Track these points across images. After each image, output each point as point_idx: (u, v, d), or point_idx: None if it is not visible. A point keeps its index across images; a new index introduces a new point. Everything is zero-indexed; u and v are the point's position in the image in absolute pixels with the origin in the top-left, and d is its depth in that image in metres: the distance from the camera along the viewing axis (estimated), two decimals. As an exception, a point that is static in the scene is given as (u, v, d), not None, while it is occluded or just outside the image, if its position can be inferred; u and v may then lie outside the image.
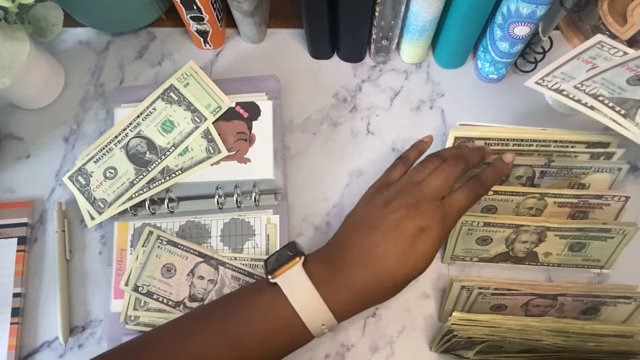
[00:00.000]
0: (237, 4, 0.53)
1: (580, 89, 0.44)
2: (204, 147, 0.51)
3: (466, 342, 0.44)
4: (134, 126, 0.50)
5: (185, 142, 0.51)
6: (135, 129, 0.50)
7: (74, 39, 0.61)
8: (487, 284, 0.47)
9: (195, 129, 0.51)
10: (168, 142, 0.51)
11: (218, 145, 0.51)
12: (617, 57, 0.46)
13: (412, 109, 0.58)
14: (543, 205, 0.49)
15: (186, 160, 0.51)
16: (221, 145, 0.51)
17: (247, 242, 0.51)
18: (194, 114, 0.50)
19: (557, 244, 0.49)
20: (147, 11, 0.58)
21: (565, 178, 0.50)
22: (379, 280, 0.39)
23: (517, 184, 0.50)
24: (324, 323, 0.38)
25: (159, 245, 0.50)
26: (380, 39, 0.55)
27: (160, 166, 0.50)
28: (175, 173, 0.51)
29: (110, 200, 0.50)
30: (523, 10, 0.46)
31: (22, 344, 0.50)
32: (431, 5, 0.49)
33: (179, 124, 0.50)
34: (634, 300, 0.47)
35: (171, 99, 0.50)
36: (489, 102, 0.58)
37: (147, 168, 0.50)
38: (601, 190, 0.49)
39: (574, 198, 0.48)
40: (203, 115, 0.50)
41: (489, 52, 0.54)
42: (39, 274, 0.52)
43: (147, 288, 0.49)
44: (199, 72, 0.53)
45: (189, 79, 0.52)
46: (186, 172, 0.51)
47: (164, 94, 0.50)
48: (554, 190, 0.48)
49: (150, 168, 0.50)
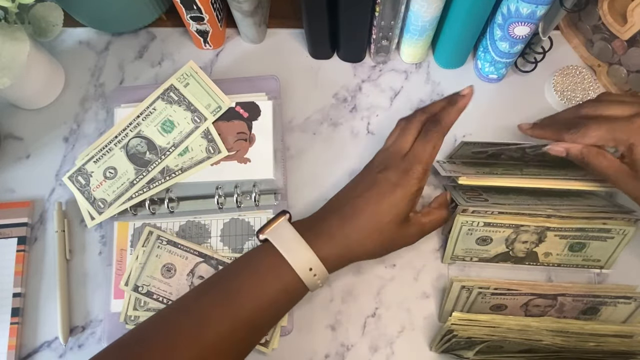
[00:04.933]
0: (237, 4, 0.53)
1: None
2: (204, 147, 0.51)
3: (466, 342, 0.44)
4: (134, 126, 0.50)
5: (185, 142, 0.51)
6: (135, 129, 0.50)
7: (74, 39, 0.61)
8: (487, 284, 0.47)
9: (195, 129, 0.51)
10: (168, 142, 0.50)
11: (218, 145, 0.51)
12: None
13: (412, 109, 0.58)
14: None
15: (186, 160, 0.51)
16: (221, 145, 0.51)
17: (247, 242, 0.51)
18: (194, 114, 0.50)
19: (557, 244, 0.49)
20: (147, 11, 0.58)
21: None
22: (359, 227, 0.42)
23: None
24: (311, 268, 0.41)
25: (159, 245, 0.50)
26: (380, 39, 0.55)
27: (160, 166, 0.50)
28: (175, 173, 0.51)
29: (110, 200, 0.50)
30: (523, 10, 0.46)
31: (22, 344, 0.50)
32: (431, 5, 0.49)
33: (179, 124, 0.50)
34: (634, 300, 0.47)
35: (171, 99, 0.50)
36: (489, 102, 0.58)
37: (147, 168, 0.50)
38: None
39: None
40: (203, 115, 0.50)
41: (489, 52, 0.54)
42: (39, 274, 0.52)
43: (147, 288, 0.49)
44: (199, 72, 0.53)
45: (189, 79, 0.52)
46: (186, 172, 0.51)
47: (164, 94, 0.50)
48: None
49: (150, 168, 0.50)
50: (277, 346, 0.48)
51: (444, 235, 0.52)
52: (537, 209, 0.47)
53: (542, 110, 0.57)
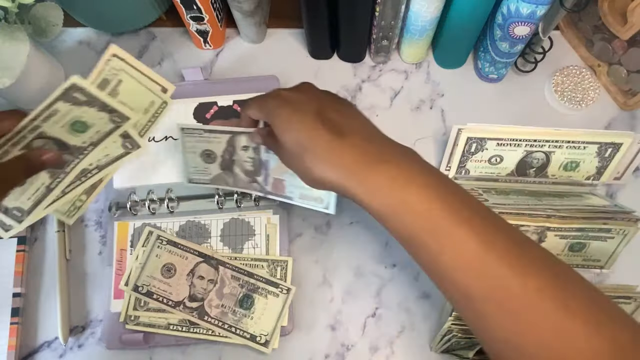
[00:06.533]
0: (237, 4, 0.53)
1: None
2: (119, 143, 0.45)
3: (466, 342, 0.44)
4: (31, 129, 0.42)
5: (105, 142, 0.44)
6: (34, 131, 0.42)
7: (74, 39, 0.61)
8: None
9: (117, 128, 0.44)
10: (84, 141, 0.44)
11: (136, 140, 0.45)
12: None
13: (412, 109, 0.58)
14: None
15: (101, 157, 0.45)
16: (139, 139, 0.45)
17: (247, 242, 0.51)
18: (112, 115, 0.43)
19: (557, 244, 0.49)
20: (147, 11, 0.58)
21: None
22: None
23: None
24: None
25: (159, 245, 0.50)
26: (380, 39, 0.55)
27: (79, 167, 0.44)
28: (92, 172, 0.45)
29: (28, 208, 0.44)
30: (523, 10, 0.46)
31: (22, 344, 0.50)
32: (431, 5, 0.49)
33: (94, 124, 0.44)
34: (634, 300, 0.47)
35: (77, 100, 0.42)
36: (489, 102, 0.58)
37: (64, 170, 0.44)
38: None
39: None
40: (124, 115, 0.43)
41: (489, 52, 0.54)
42: (39, 274, 0.52)
43: (147, 288, 0.49)
44: (129, 61, 0.43)
45: (119, 74, 0.44)
46: (104, 169, 0.45)
47: (66, 95, 0.42)
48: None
49: (67, 169, 0.44)
50: (277, 346, 0.48)
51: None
52: (537, 209, 0.47)
53: (542, 110, 0.57)
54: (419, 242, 0.32)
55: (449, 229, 0.31)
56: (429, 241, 0.32)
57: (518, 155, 0.51)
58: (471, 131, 0.49)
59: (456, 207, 0.32)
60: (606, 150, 0.50)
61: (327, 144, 0.35)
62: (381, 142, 0.36)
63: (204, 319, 0.48)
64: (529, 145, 0.50)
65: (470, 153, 0.51)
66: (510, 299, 0.29)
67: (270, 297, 0.49)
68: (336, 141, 0.35)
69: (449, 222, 0.31)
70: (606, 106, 0.58)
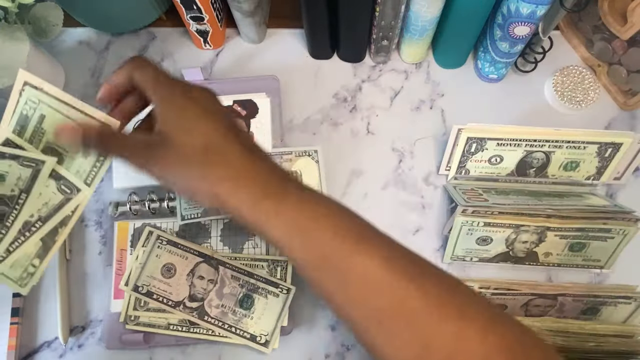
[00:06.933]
0: (237, 4, 0.53)
1: None
2: (55, 188, 0.39)
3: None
4: None
5: (35, 187, 0.39)
6: None
7: (74, 39, 0.61)
8: (487, 284, 0.47)
9: (38, 173, 0.39)
10: (12, 189, 0.39)
11: (73, 183, 0.39)
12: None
13: (412, 109, 0.58)
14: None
15: (40, 207, 0.40)
16: (78, 182, 0.39)
17: (247, 242, 0.51)
18: (20, 159, 0.38)
19: (557, 244, 0.49)
20: (147, 11, 0.58)
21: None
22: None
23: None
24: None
25: (159, 245, 0.50)
26: (380, 39, 0.55)
27: (20, 218, 0.39)
28: (35, 225, 0.40)
29: None
30: (523, 10, 0.46)
31: (22, 344, 0.50)
32: (431, 5, 0.49)
33: (8, 173, 0.39)
34: (634, 300, 0.47)
35: None
36: (489, 102, 0.58)
37: (4, 223, 0.39)
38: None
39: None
40: (37, 159, 0.38)
41: (489, 52, 0.54)
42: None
43: (147, 288, 0.49)
44: (50, 92, 0.39)
45: (40, 106, 0.39)
46: (49, 221, 0.40)
47: None
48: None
49: (7, 223, 0.39)
50: (277, 346, 0.48)
51: (445, 235, 0.52)
52: (537, 209, 0.47)
53: (542, 110, 0.57)
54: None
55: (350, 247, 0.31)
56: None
57: (518, 155, 0.51)
58: (471, 131, 0.49)
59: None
60: (606, 150, 0.50)
61: (241, 157, 0.32)
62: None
63: (204, 319, 0.48)
64: (529, 145, 0.50)
65: (470, 153, 0.51)
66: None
67: (270, 297, 0.49)
68: (250, 157, 0.33)
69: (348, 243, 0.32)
70: (606, 106, 0.58)
